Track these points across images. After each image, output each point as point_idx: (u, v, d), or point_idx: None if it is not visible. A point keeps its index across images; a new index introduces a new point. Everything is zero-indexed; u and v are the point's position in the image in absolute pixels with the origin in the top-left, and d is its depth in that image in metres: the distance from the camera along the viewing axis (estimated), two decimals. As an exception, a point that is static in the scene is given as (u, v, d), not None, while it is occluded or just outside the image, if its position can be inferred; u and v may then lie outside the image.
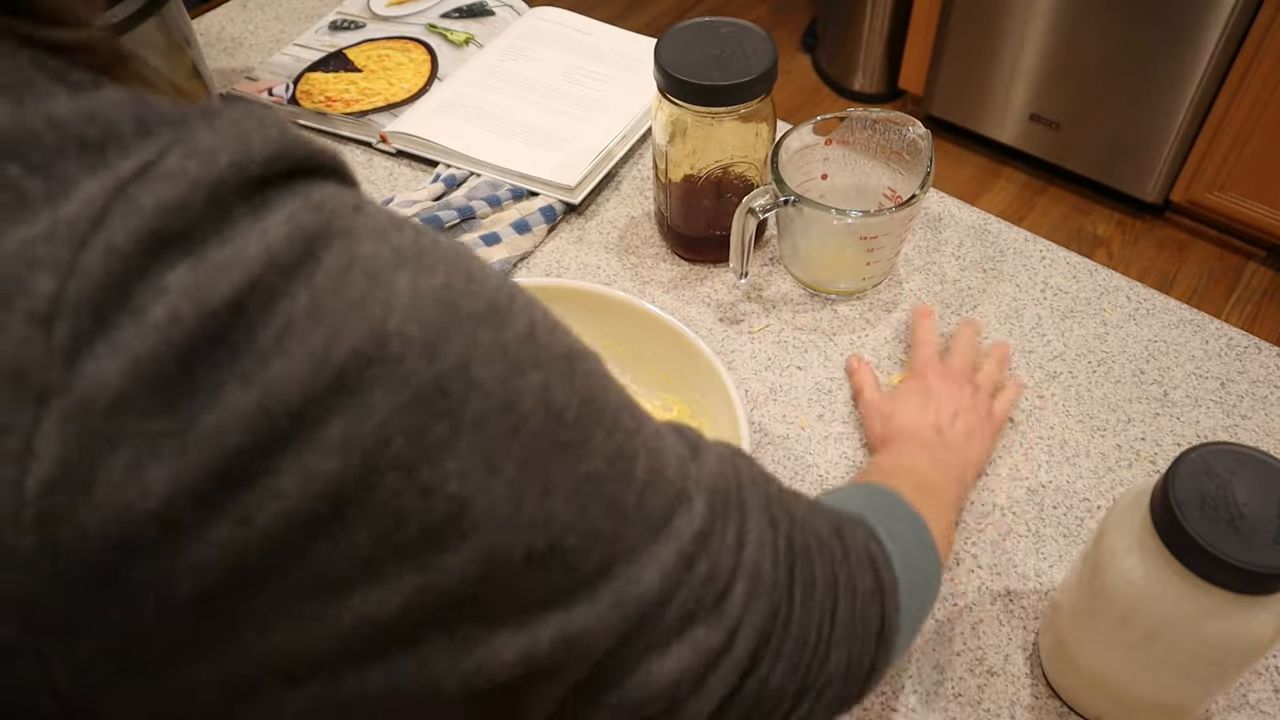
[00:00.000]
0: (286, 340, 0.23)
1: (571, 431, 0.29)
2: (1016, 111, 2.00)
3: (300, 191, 0.25)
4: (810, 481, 0.66)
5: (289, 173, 0.26)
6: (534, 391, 0.27)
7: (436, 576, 0.26)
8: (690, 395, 0.64)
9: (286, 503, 0.23)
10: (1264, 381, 0.71)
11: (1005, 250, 0.81)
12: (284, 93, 0.96)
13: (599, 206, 0.86)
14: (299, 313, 0.23)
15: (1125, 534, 0.47)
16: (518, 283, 0.31)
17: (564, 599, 0.29)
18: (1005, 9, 1.88)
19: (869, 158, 0.76)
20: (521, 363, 0.27)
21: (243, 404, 0.22)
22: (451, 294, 0.26)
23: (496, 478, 0.26)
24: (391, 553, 0.25)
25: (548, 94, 0.93)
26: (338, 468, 0.24)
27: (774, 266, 0.80)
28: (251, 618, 0.24)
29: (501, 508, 0.27)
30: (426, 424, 0.25)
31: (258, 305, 0.23)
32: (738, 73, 0.68)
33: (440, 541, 0.26)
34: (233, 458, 0.22)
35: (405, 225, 0.28)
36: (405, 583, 0.26)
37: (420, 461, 0.25)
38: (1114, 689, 0.52)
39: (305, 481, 0.23)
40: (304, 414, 0.23)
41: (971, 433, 0.64)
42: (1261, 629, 0.44)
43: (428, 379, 0.25)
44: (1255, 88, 1.66)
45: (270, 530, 0.23)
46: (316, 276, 0.24)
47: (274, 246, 0.24)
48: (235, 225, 0.24)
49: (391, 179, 0.90)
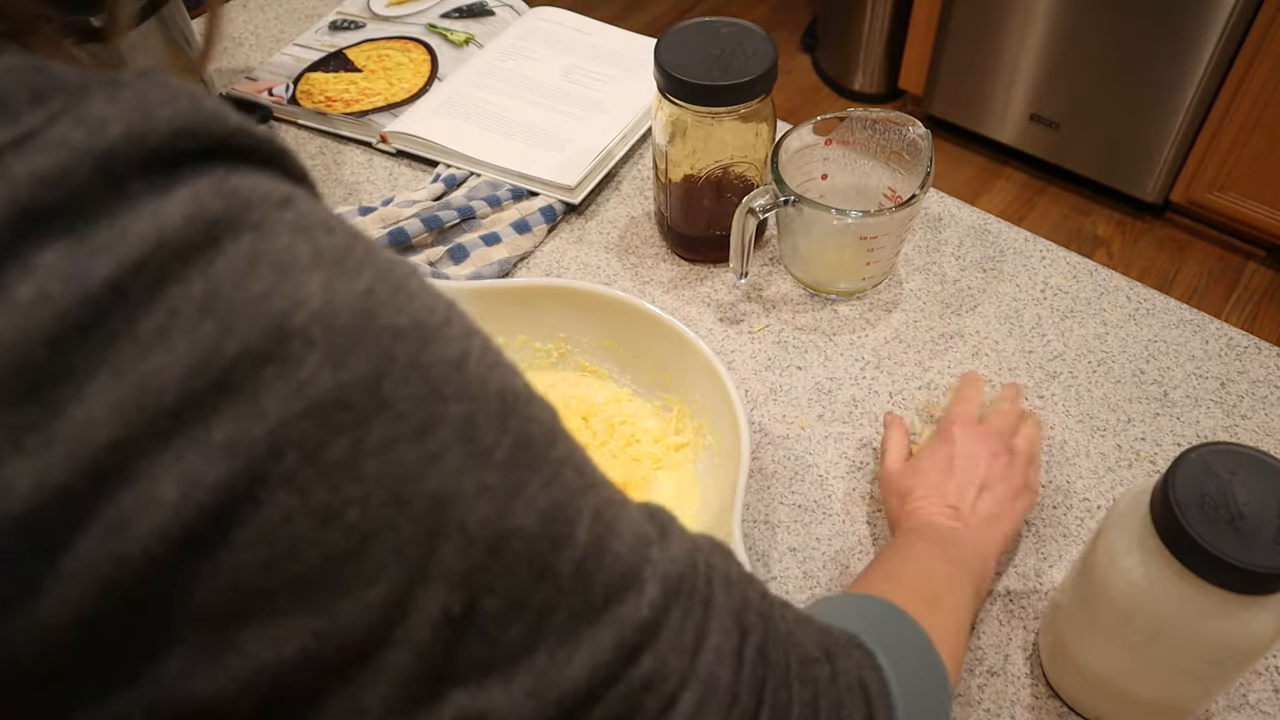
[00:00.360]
0: (171, 330, 0.21)
1: (498, 475, 0.25)
2: (1016, 111, 2.00)
3: (215, 174, 0.23)
4: (810, 481, 0.66)
5: (204, 152, 0.23)
6: (455, 423, 0.24)
7: (334, 623, 0.23)
8: (690, 395, 0.64)
9: (165, 512, 0.21)
10: (1264, 381, 0.71)
11: (1005, 250, 0.81)
12: (284, 93, 0.96)
13: (599, 206, 0.86)
14: (190, 301, 0.21)
15: (1125, 534, 0.47)
16: (465, 312, 0.28)
17: (474, 673, 0.26)
18: (1005, 9, 1.88)
19: (869, 158, 0.76)
20: (443, 390, 0.24)
21: (115, 396, 0.20)
22: (372, 303, 0.24)
23: (404, 514, 0.23)
24: (284, 586, 0.22)
25: (548, 94, 0.93)
26: (222, 476, 0.21)
27: (774, 266, 0.80)
28: (130, 648, 0.21)
29: (411, 550, 0.24)
30: (324, 439, 0.22)
31: (142, 290, 0.21)
32: (738, 73, 0.68)
33: (340, 581, 0.23)
34: (103, 456, 0.20)
35: (340, 229, 0.25)
36: (300, 626, 0.23)
37: (316, 482, 0.22)
38: (1114, 689, 0.52)
39: (186, 489, 0.21)
40: (184, 412, 0.21)
41: (996, 516, 0.57)
42: (1261, 629, 0.44)
43: (329, 388, 0.22)
44: (1255, 88, 1.66)
45: (148, 543, 0.21)
46: (216, 264, 0.22)
47: (168, 228, 0.21)
48: (131, 203, 0.22)
49: (391, 179, 0.90)
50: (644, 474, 0.62)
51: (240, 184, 0.23)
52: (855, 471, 0.67)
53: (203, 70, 0.76)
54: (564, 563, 0.27)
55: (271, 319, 0.22)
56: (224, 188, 0.23)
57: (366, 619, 0.23)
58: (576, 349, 0.68)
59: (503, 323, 0.67)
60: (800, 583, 0.61)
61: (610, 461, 0.62)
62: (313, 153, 0.93)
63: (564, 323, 0.67)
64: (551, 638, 0.27)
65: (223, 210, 0.22)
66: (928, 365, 0.73)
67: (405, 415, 0.23)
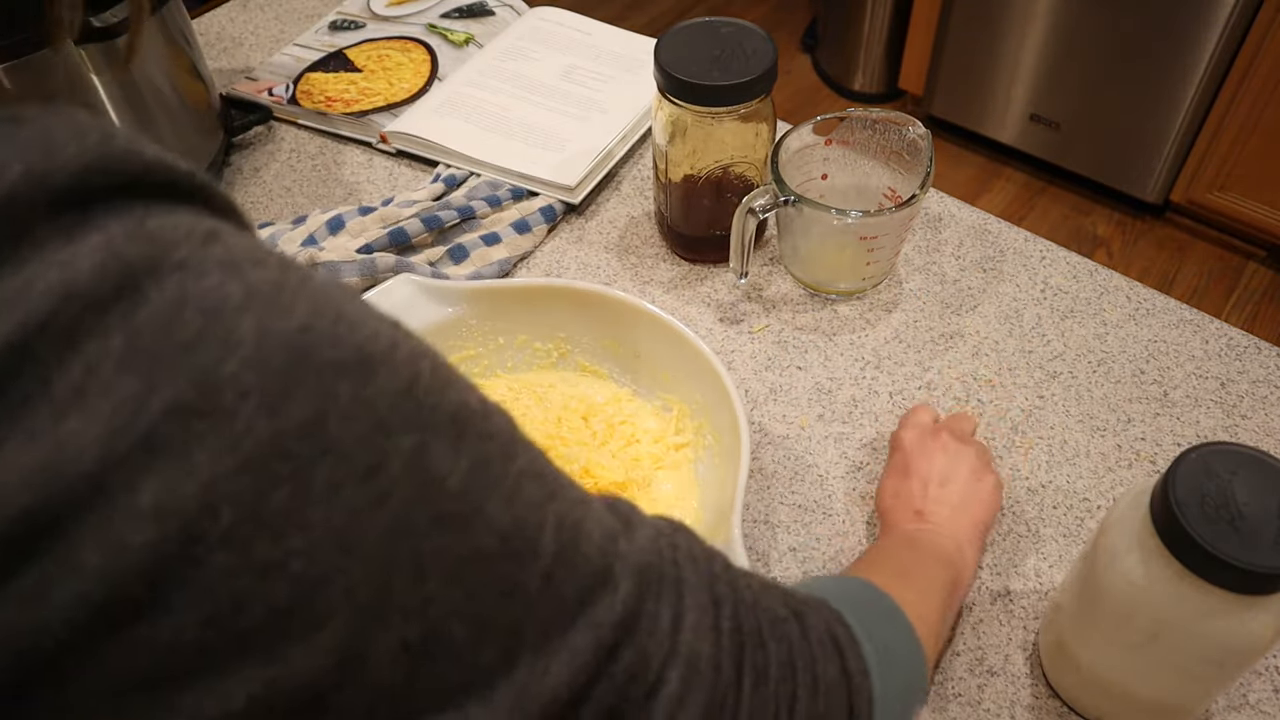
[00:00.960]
0: (89, 388, 0.20)
1: (454, 503, 0.24)
2: (1016, 111, 2.00)
3: (132, 214, 0.22)
4: (810, 481, 0.66)
5: (118, 190, 0.22)
6: (406, 456, 0.23)
7: (284, 670, 0.22)
8: (690, 395, 0.64)
9: (87, 580, 0.20)
10: (1264, 381, 0.71)
11: (1005, 250, 0.81)
12: (284, 93, 0.96)
13: (599, 206, 0.86)
14: (110, 356, 0.20)
15: (1125, 534, 0.47)
16: (411, 332, 0.26)
17: (452, 698, 0.25)
18: (1005, 9, 1.88)
19: (869, 158, 0.76)
20: (391, 422, 0.23)
21: (29, 463, 0.19)
22: (309, 340, 0.22)
23: (354, 557, 0.23)
24: (230, 641, 0.21)
25: (548, 94, 0.93)
26: (151, 540, 0.20)
27: (774, 266, 0.80)
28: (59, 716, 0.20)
29: (363, 591, 0.23)
30: (264, 491, 0.21)
31: (52, 348, 0.20)
32: (738, 73, 0.68)
33: (286, 629, 0.22)
34: (18, 524, 0.19)
35: (271, 261, 0.24)
36: (248, 676, 0.22)
37: (257, 536, 0.21)
38: (1114, 689, 0.52)
39: (111, 556, 0.20)
40: (106, 476, 0.20)
41: (963, 503, 0.57)
42: (1261, 629, 0.44)
43: (266, 438, 0.21)
44: (1255, 88, 1.66)
45: (71, 612, 0.20)
46: (138, 313, 0.21)
47: (79, 278, 0.20)
48: (38, 250, 0.20)
49: (391, 179, 0.90)
50: (644, 474, 0.63)
51: (161, 223, 0.22)
52: (855, 471, 0.67)
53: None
54: (531, 576, 0.26)
55: (200, 370, 0.21)
56: (141, 229, 0.21)
57: (320, 661, 0.23)
58: (576, 349, 0.68)
59: (502, 322, 0.67)
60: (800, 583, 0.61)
61: (610, 461, 0.62)
62: (313, 153, 0.93)
63: (564, 322, 0.67)
64: (527, 652, 0.26)
65: (141, 253, 0.21)
66: (928, 365, 0.73)
67: (351, 456, 0.22)
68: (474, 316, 0.66)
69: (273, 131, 0.96)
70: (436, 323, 0.65)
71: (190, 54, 0.85)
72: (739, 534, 0.53)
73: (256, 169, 0.92)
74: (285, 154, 0.94)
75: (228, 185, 0.91)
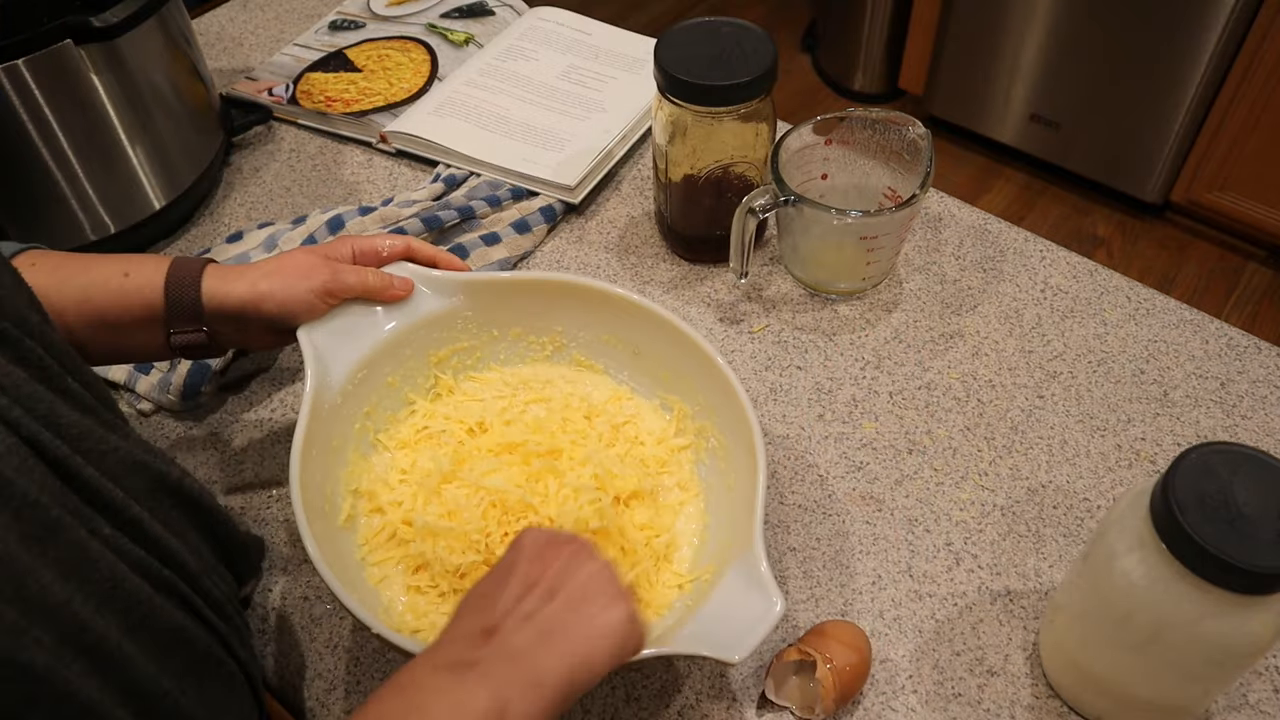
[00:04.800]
0: None
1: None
2: (1016, 111, 2.00)
3: None
4: (810, 481, 0.66)
5: None
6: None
7: None
8: (692, 395, 0.64)
9: None
10: (1264, 381, 0.71)
11: (1005, 250, 0.81)
12: (284, 93, 0.96)
13: (599, 206, 0.86)
14: None
15: (1125, 534, 0.47)
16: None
17: None
18: (1005, 9, 1.88)
19: (869, 158, 0.76)
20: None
21: None
22: None
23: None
24: None
25: (547, 94, 0.93)
26: None
27: (774, 266, 0.80)
28: None
29: None
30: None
31: None
32: (738, 73, 0.68)
33: None
34: None
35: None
36: None
37: None
38: (1114, 689, 0.52)
39: None
40: None
41: (557, 631, 0.42)
42: (1261, 629, 0.44)
43: None
44: (1255, 88, 1.66)
45: None
46: None
47: None
48: None
49: (391, 179, 0.90)
50: (651, 483, 0.62)
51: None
52: (855, 471, 0.67)
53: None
54: None
55: None
56: None
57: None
58: (572, 343, 0.68)
59: (499, 314, 0.67)
60: (800, 583, 0.61)
61: (620, 468, 0.61)
62: (313, 153, 0.93)
63: (561, 317, 0.67)
64: None
65: None
66: (928, 365, 0.73)
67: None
68: (471, 308, 0.66)
69: (272, 131, 0.96)
70: (434, 313, 0.65)
71: (190, 54, 0.85)
72: (760, 544, 0.52)
73: (256, 169, 0.92)
74: (285, 154, 0.94)
75: (227, 185, 0.91)
